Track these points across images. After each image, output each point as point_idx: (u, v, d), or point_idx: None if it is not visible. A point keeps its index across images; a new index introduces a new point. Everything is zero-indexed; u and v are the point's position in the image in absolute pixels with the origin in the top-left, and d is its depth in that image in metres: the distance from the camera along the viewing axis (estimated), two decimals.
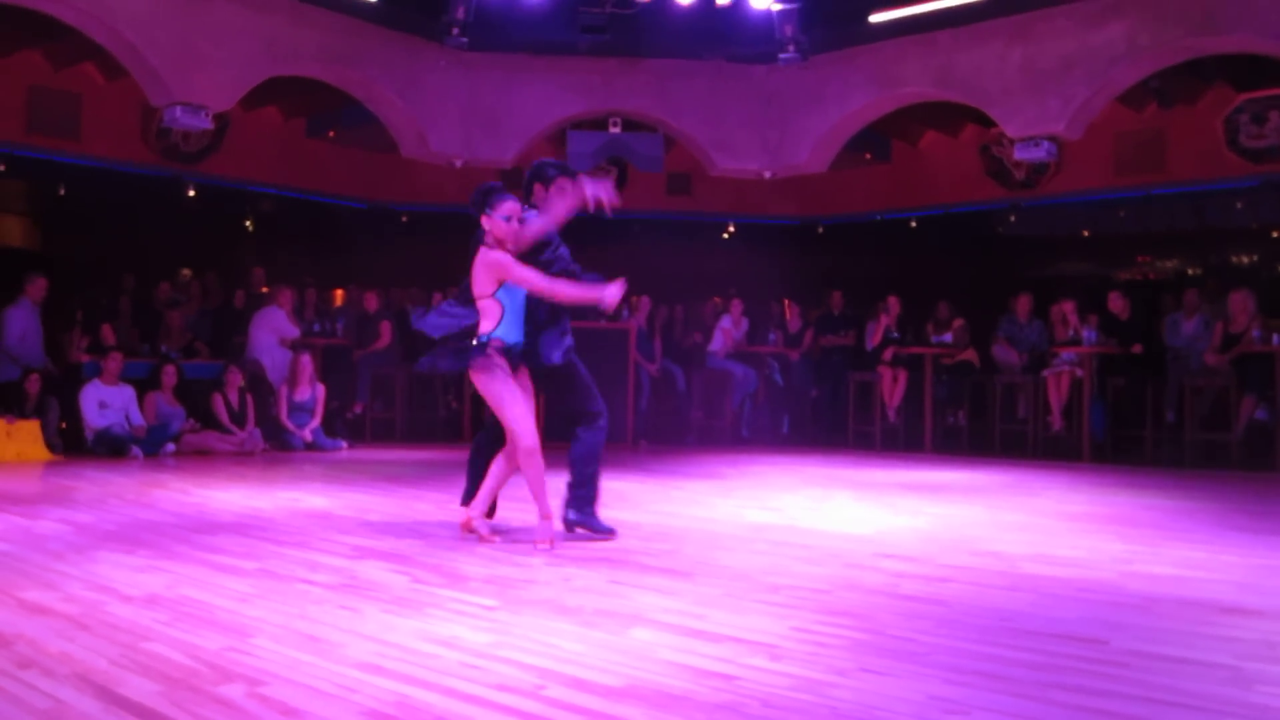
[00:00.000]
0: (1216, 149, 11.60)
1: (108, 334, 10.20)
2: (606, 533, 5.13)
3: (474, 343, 4.81)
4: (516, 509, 5.59)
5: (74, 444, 9.33)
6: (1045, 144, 10.41)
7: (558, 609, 3.60)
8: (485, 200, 4.86)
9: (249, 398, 10.05)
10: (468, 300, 4.96)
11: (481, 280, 4.81)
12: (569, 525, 5.13)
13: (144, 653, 2.97)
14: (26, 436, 8.83)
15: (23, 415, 8.96)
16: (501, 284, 4.78)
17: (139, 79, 9.94)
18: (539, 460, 4.79)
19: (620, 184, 14.68)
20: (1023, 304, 11.15)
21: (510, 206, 4.86)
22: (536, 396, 5.15)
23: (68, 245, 12.34)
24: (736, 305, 12.30)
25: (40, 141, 11.60)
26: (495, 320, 4.80)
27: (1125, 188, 12.45)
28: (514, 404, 4.80)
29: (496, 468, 5.00)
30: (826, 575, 4.28)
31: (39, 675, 2.75)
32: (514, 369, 4.86)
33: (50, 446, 9.01)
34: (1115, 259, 13.81)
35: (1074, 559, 4.72)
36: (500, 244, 4.82)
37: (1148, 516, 6.26)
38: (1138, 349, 10.15)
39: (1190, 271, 13.20)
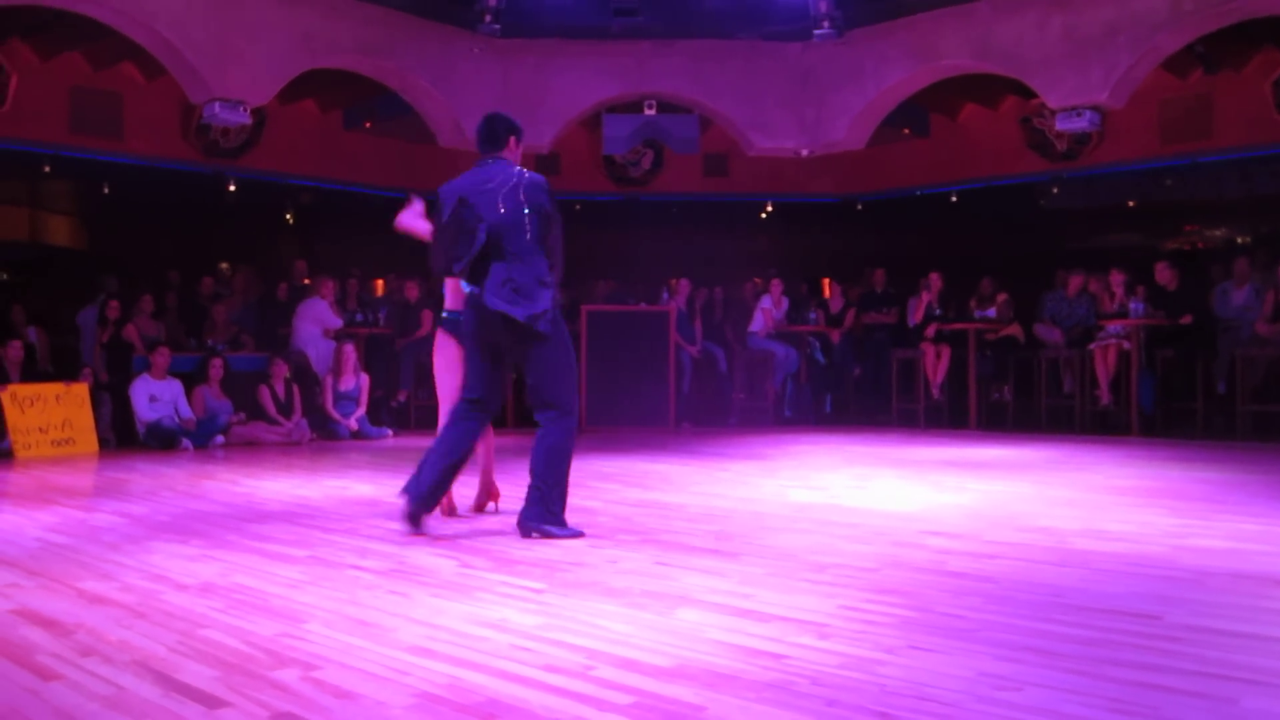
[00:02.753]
0: (1265, 113, 11.35)
1: (131, 333, 10.29)
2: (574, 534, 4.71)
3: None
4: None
5: (125, 437, 9.50)
6: (1088, 114, 10.25)
7: (605, 591, 3.62)
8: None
9: (295, 388, 10.16)
10: None
11: None
12: (534, 532, 4.67)
13: (200, 639, 3.03)
14: (74, 401, 9.02)
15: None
16: None
17: (178, 76, 10.05)
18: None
19: (657, 166, 14.68)
20: (1074, 283, 11.00)
21: None
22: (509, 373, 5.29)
23: (113, 243, 12.53)
24: (776, 285, 12.24)
25: (83, 142, 11.77)
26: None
27: (1171, 156, 12.23)
28: (441, 383, 5.30)
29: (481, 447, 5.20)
30: (873, 553, 4.26)
31: (100, 662, 2.81)
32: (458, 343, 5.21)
33: (103, 441, 9.19)
34: (1162, 229, 13.59)
35: (1125, 534, 4.67)
36: None
37: (1199, 490, 6.18)
38: (1187, 320, 9.99)
39: (1240, 240, 12.96)
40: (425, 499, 4.73)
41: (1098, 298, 10.75)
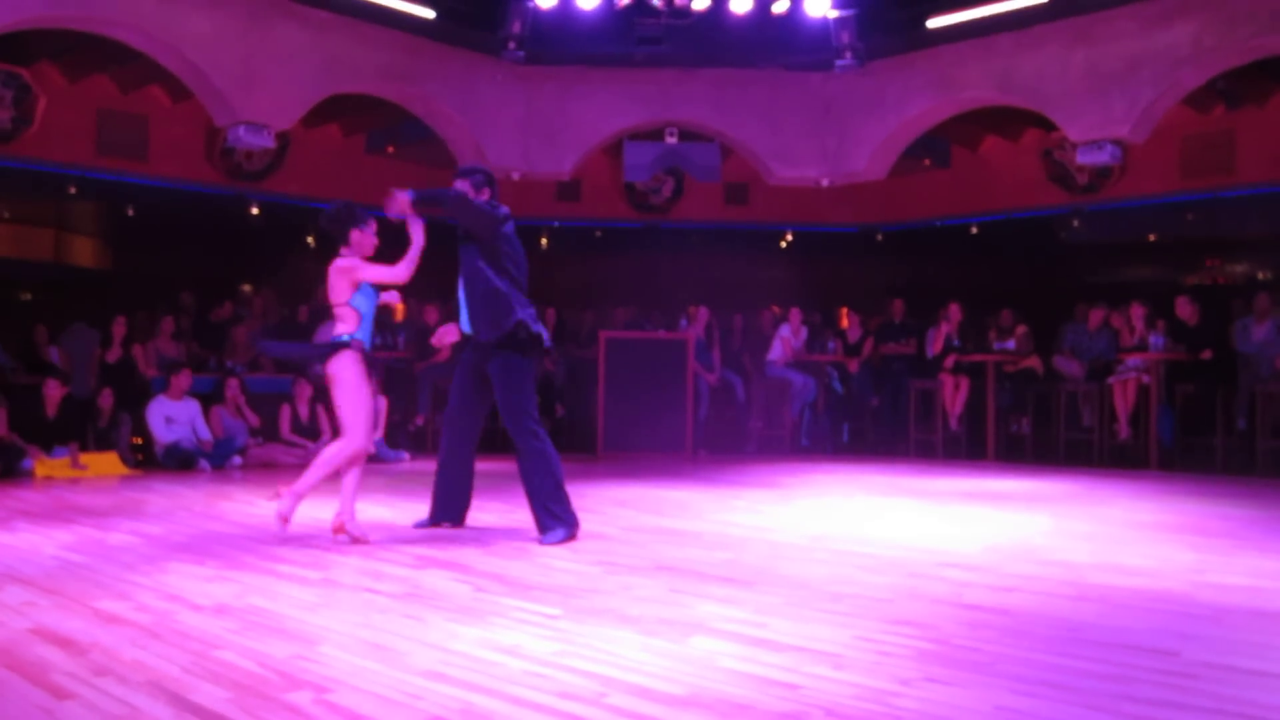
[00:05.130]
0: None
1: (138, 353, 10.29)
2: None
3: (337, 341, 5.24)
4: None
5: (144, 458, 9.54)
6: (1109, 147, 10.23)
7: (620, 618, 3.61)
8: (357, 217, 5.33)
9: (320, 409, 10.18)
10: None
11: (340, 288, 5.25)
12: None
13: (214, 660, 3.03)
14: (104, 465, 8.97)
15: (97, 438, 9.21)
16: (357, 289, 5.26)
17: (203, 100, 10.16)
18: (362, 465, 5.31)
19: (677, 194, 14.73)
20: (1095, 316, 10.96)
21: (374, 223, 5.41)
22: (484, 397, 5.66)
23: (137, 264, 12.64)
24: (795, 314, 12.23)
25: (109, 163, 11.91)
26: (355, 324, 5.25)
27: (1193, 191, 12.19)
28: (362, 407, 5.22)
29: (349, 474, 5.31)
30: (889, 584, 4.24)
31: (114, 682, 2.82)
32: (370, 373, 5.32)
33: (123, 462, 9.18)
34: (1183, 264, 13.53)
35: (1143, 569, 4.63)
36: (362, 255, 5.36)
37: (1219, 526, 6.12)
38: (1207, 355, 9.94)
39: (1260, 275, 12.88)
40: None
41: (1118, 331, 10.70)
